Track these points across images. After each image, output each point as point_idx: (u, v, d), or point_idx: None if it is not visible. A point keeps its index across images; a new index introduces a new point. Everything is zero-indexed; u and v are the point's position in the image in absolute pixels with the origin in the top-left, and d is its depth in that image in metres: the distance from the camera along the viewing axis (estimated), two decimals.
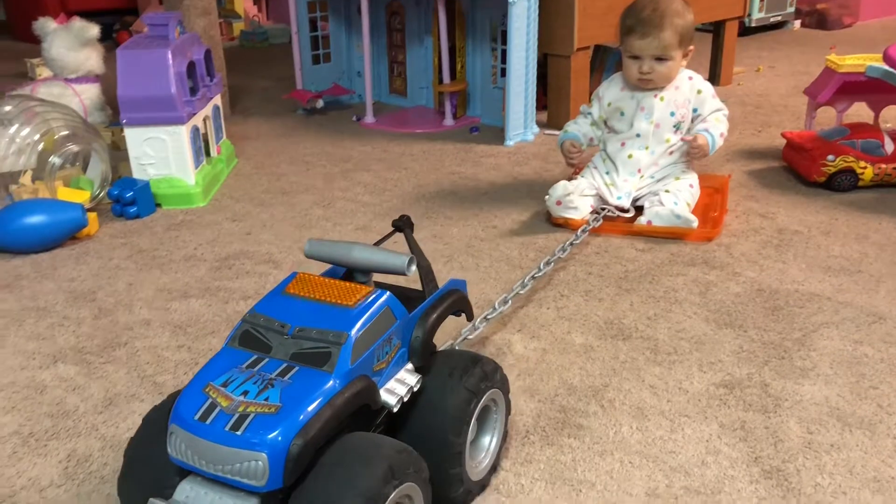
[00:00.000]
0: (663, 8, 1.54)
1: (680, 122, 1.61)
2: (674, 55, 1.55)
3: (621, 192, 1.59)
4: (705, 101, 1.62)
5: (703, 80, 1.64)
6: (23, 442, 0.97)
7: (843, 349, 1.13)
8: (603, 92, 1.66)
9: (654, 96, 1.59)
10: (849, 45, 3.48)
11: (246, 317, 0.80)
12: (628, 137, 1.62)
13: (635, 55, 1.56)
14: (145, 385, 1.08)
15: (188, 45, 1.79)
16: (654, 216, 1.51)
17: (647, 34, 1.53)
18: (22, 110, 1.63)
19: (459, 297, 0.92)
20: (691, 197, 1.57)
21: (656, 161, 1.61)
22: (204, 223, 1.64)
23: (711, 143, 1.58)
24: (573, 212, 1.55)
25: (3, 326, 1.24)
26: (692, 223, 1.48)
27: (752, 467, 0.91)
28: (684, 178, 1.60)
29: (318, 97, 2.41)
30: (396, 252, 0.86)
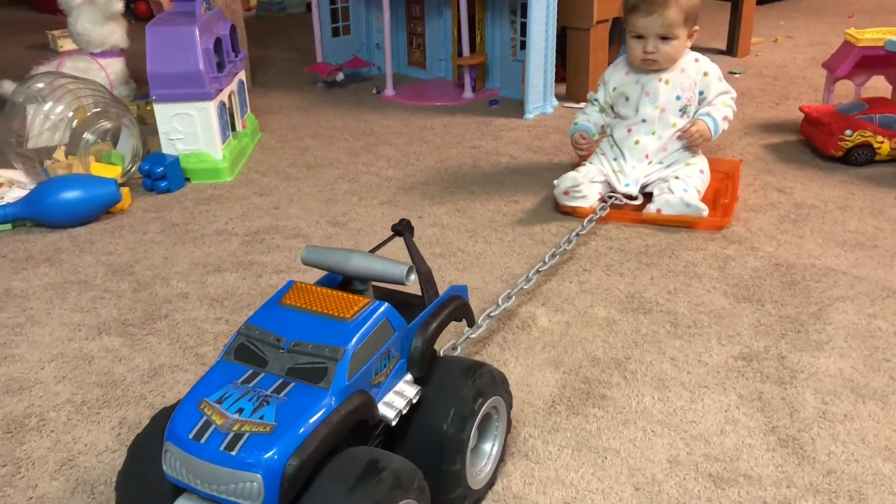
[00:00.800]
0: None
1: (686, 105, 1.58)
2: (679, 34, 1.52)
3: (629, 178, 1.57)
4: (711, 84, 1.58)
5: (710, 62, 1.61)
6: (76, 410, 1.03)
7: (857, 323, 1.17)
8: (608, 76, 1.64)
9: (659, 80, 1.56)
10: (868, 14, 3.46)
11: (241, 329, 0.78)
12: (634, 123, 1.59)
13: (639, 34, 1.53)
14: (187, 356, 1.14)
15: (214, 21, 1.81)
16: (663, 204, 1.49)
17: (652, 11, 1.50)
18: (54, 88, 1.67)
19: (460, 304, 0.91)
20: (701, 183, 1.55)
21: (664, 146, 1.58)
22: (232, 197, 1.68)
23: (714, 128, 1.56)
24: (581, 200, 1.53)
25: (48, 299, 1.30)
26: (702, 211, 1.46)
27: (768, 436, 0.95)
28: (694, 163, 1.57)
29: (338, 70, 2.44)
30: (395, 261, 0.85)
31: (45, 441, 0.97)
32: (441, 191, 1.70)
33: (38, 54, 3.05)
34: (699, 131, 1.55)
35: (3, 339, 1.19)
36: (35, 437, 0.98)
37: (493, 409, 0.88)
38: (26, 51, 3.15)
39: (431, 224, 1.54)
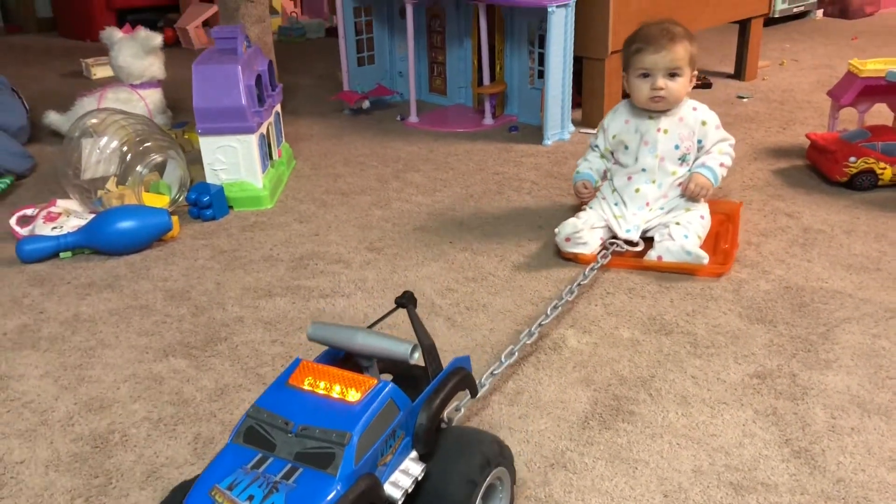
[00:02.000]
0: (672, 28, 1.56)
1: (685, 154, 1.60)
2: (685, 72, 1.55)
3: (630, 224, 1.59)
4: (709, 133, 1.60)
5: (708, 110, 1.62)
6: (154, 426, 1.14)
7: (862, 342, 1.27)
8: (608, 124, 1.66)
9: (658, 129, 1.59)
10: (870, 35, 3.58)
11: (250, 411, 0.81)
12: (634, 171, 1.61)
13: (646, 72, 1.55)
14: (249, 376, 1.24)
15: (254, 58, 1.93)
16: (664, 251, 1.50)
17: (661, 48, 1.52)
18: (108, 124, 1.78)
19: (464, 376, 0.92)
20: (702, 229, 1.56)
21: (665, 193, 1.60)
22: (274, 224, 1.80)
23: (713, 178, 1.58)
24: (583, 247, 1.54)
25: (114, 324, 1.41)
26: (702, 259, 1.47)
27: (783, 448, 1.05)
28: (694, 208, 1.58)
29: (364, 98, 2.56)
30: (399, 339, 0.88)
31: (130, 455, 1.08)
32: (469, 216, 1.81)
33: (73, 82, 3.19)
34: (699, 185, 1.57)
35: (79, 361, 1.29)
36: (120, 451, 1.09)
37: (497, 479, 0.90)
38: (62, 78, 3.28)
39: (462, 249, 1.65)
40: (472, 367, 1.23)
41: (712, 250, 1.55)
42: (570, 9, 2.17)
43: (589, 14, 2.24)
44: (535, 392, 1.18)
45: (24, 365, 1.29)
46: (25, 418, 1.16)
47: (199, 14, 3.75)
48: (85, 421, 1.15)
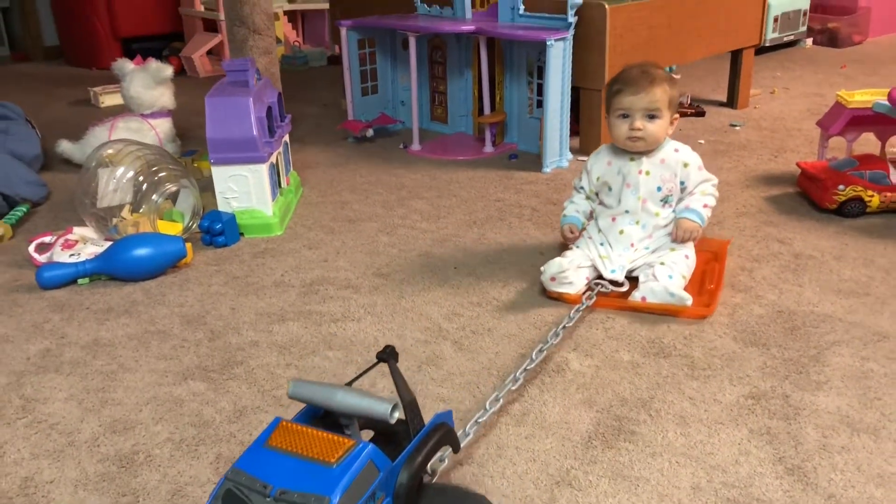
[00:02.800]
0: (653, 70, 1.57)
1: (668, 195, 1.61)
2: (664, 114, 1.56)
3: (615, 265, 1.60)
4: (691, 174, 1.60)
5: (690, 152, 1.62)
6: (176, 447, 1.19)
7: (852, 365, 1.34)
8: (591, 166, 1.68)
9: (640, 172, 1.60)
10: (859, 63, 3.67)
11: (228, 474, 0.81)
12: (618, 213, 1.63)
13: (625, 112, 1.56)
14: (266, 399, 1.30)
15: (264, 90, 2.00)
16: (648, 292, 1.51)
17: (639, 90, 1.54)
18: (124, 154, 1.84)
19: (446, 433, 0.91)
20: (687, 268, 1.57)
21: (649, 234, 1.61)
22: (284, 251, 1.86)
23: (699, 220, 1.59)
24: (568, 287, 1.55)
25: (134, 348, 1.46)
26: (686, 301, 1.47)
27: (777, 465, 1.11)
28: (679, 248, 1.59)
29: (368, 127, 2.63)
30: (380, 398, 0.89)
31: (155, 474, 1.13)
32: (473, 242, 1.87)
33: (81, 110, 3.27)
34: (687, 231, 1.58)
35: (102, 385, 1.35)
36: (146, 471, 1.14)
37: None
38: (69, 107, 3.36)
39: (467, 274, 1.71)
40: (478, 389, 1.29)
41: (697, 290, 1.56)
42: (568, 42, 2.25)
43: (586, 47, 2.32)
44: (540, 413, 1.24)
45: (48, 388, 1.34)
46: (53, 439, 1.21)
47: (204, 43, 3.84)
48: (110, 442, 1.20)
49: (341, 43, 2.65)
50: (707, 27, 2.65)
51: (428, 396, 1.28)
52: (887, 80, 3.24)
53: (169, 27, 4.12)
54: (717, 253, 1.69)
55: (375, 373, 1.28)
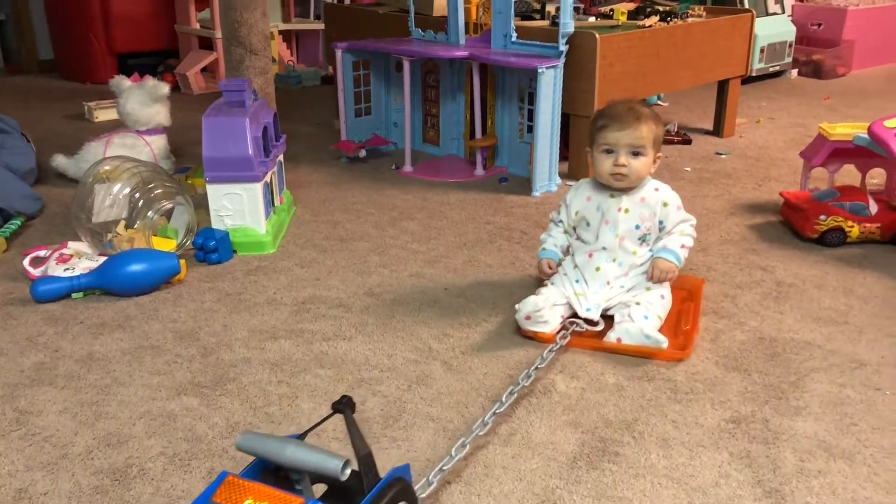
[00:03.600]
0: (639, 107, 1.56)
1: (646, 234, 1.60)
2: (648, 152, 1.54)
3: (591, 303, 1.57)
4: (670, 214, 1.59)
5: (670, 191, 1.61)
6: (169, 461, 1.21)
7: (829, 391, 1.37)
8: (570, 199, 1.66)
9: (619, 209, 1.58)
10: (842, 95, 3.76)
11: None
12: (595, 249, 1.61)
13: (609, 148, 1.55)
14: (258, 415, 1.32)
15: (260, 110, 2.04)
16: (623, 333, 1.48)
17: (625, 126, 1.52)
18: (121, 171, 1.87)
19: (402, 489, 0.89)
20: (663, 309, 1.55)
21: (625, 272, 1.59)
22: (277, 269, 1.88)
23: (676, 260, 1.57)
24: (543, 326, 1.52)
25: (127, 363, 1.48)
26: (662, 344, 1.45)
27: (755, 488, 1.14)
28: (655, 287, 1.57)
29: (361, 147, 2.67)
30: (330, 453, 0.87)
31: (148, 487, 1.15)
32: (463, 264, 1.90)
33: (76, 125, 3.29)
34: (663, 271, 1.57)
35: (95, 398, 1.37)
36: (139, 484, 1.16)
37: None
38: (64, 120, 3.38)
39: (457, 295, 1.74)
40: (467, 409, 1.32)
41: (673, 331, 1.54)
42: (559, 69, 2.30)
43: (576, 74, 2.37)
44: (526, 433, 1.26)
45: (42, 401, 1.36)
46: (47, 452, 1.23)
47: (199, 61, 3.87)
48: (104, 455, 1.22)
49: (336, 64, 2.70)
50: (694, 57, 2.71)
51: (417, 415, 1.31)
52: (870, 111, 3.32)
53: (164, 44, 4.16)
54: (692, 292, 1.68)
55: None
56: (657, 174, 1.64)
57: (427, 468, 1.17)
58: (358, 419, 1.28)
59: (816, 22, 4.26)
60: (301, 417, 1.31)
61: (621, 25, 2.61)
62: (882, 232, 1.96)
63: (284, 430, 1.28)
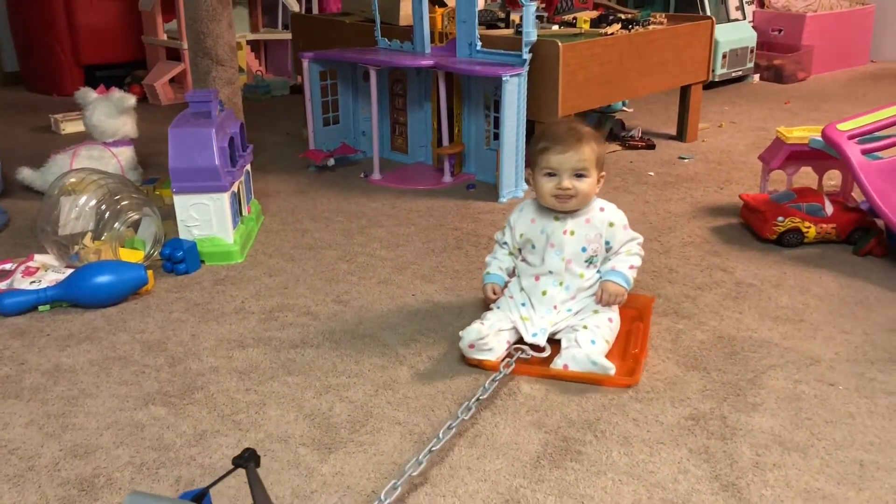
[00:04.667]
0: (580, 128, 1.53)
1: (593, 256, 1.56)
2: (591, 173, 1.51)
3: (537, 328, 1.53)
4: (616, 234, 1.55)
5: (615, 210, 1.57)
6: (137, 470, 1.22)
7: (785, 387, 1.42)
8: (514, 221, 1.61)
9: (564, 232, 1.54)
10: (802, 99, 3.84)
11: None
12: (542, 273, 1.56)
13: (552, 171, 1.51)
14: (226, 423, 1.33)
15: (227, 121, 2.05)
16: (570, 359, 1.44)
17: (568, 148, 1.49)
18: (87, 183, 1.87)
19: None
20: (610, 332, 1.51)
21: (573, 295, 1.55)
22: (245, 278, 1.89)
23: (625, 282, 1.53)
24: (488, 353, 1.47)
25: (95, 374, 1.49)
26: (609, 370, 1.41)
27: (713, 482, 1.18)
28: (602, 311, 1.53)
29: (329, 156, 2.68)
30: None
31: (116, 497, 1.16)
32: (430, 270, 1.93)
33: (42, 137, 3.27)
34: (612, 294, 1.53)
35: (62, 410, 1.37)
36: (106, 494, 1.16)
37: None
38: (30, 133, 3.36)
39: (424, 301, 1.77)
40: (433, 412, 1.34)
41: (621, 355, 1.51)
42: (523, 77, 2.33)
43: (540, 82, 2.41)
44: (491, 434, 1.29)
45: (8, 414, 1.36)
46: (13, 464, 1.23)
47: (167, 71, 3.87)
48: (71, 466, 1.22)
49: (303, 74, 2.71)
50: (657, 64, 2.77)
51: (384, 419, 1.33)
52: (828, 114, 3.40)
53: (131, 55, 4.14)
54: (642, 311, 1.64)
55: None
56: (610, 192, 1.68)
57: (392, 470, 1.20)
58: (324, 425, 1.31)
59: (777, 28, 4.35)
60: (269, 424, 1.32)
61: (584, 33, 2.66)
62: (838, 232, 2.01)
63: (252, 438, 1.29)
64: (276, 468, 1.21)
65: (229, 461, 1.22)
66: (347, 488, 1.17)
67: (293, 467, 1.21)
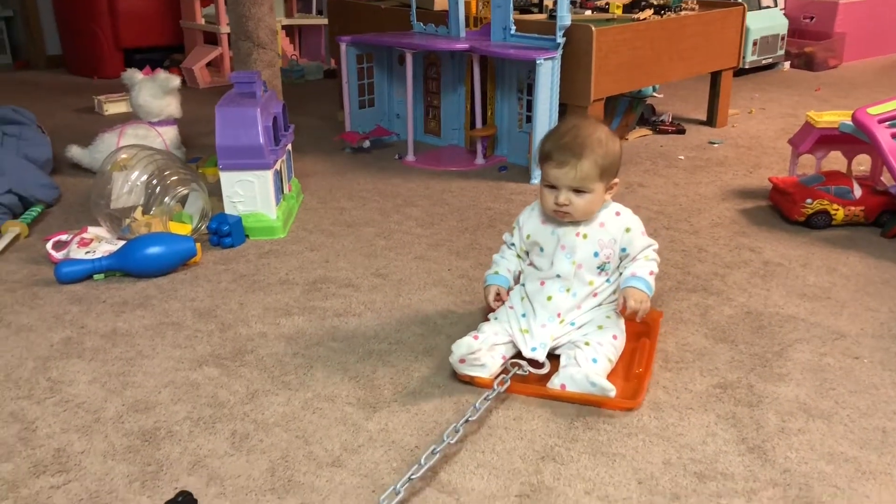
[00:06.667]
0: (585, 135, 1.39)
1: (605, 262, 1.45)
2: (593, 188, 1.39)
3: (536, 341, 1.42)
4: (634, 240, 1.45)
5: (632, 215, 1.47)
6: (194, 424, 1.30)
7: (811, 359, 1.47)
8: (523, 221, 1.52)
9: (576, 234, 1.44)
10: (833, 86, 3.84)
11: None
12: (548, 277, 1.46)
13: (551, 184, 1.41)
14: (276, 383, 1.41)
15: (270, 101, 2.12)
16: (568, 379, 1.33)
17: (565, 163, 1.38)
18: (139, 159, 1.96)
19: None
20: (614, 351, 1.40)
21: (579, 304, 1.44)
22: (288, 252, 1.97)
23: (647, 289, 1.42)
24: (480, 370, 1.36)
25: (150, 337, 1.57)
26: (608, 392, 1.30)
27: (739, 445, 1.23)
28: (608, 326, 1.42)
29: (365, 138, 2.75)
30: None
31: (177, 447, 1.24)
32: (465, 247, 1.99)
33: (87, 117, 3.37)
34: (638, 301, 1.40)
35: (122, 370, 1.46)
36: (167, 445, 1.25)
37: None
38: (74, 113, 3.46)
39: (460, 276, 1.83)
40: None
41: (624, 374, 1.41)
42: (557, 61, 2.38)
43: (574, 66, 2.46)
44: (527, 398, 1.35)
45: (72, 372, 1.45)
46: (80, 416, 1.32)
47: (204, 55, 3.95)
48: (133, 419, 1.31)
49: (340, 58, 2.78)
50: (688, 49, 2.80)
51: (425, 383, 1.40)
52: (859, 102, 3.39)
53: (170, 39, 4.23)
54: (650, 325, 1.53)
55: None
56: (629, 194, 1.72)
57: (434, 429, 1.27)
58: (368, 386, 1.38)
59: (808, 15, 4.34)
60: (316, 384, 1.40)
61: (617, 19, 2.70)
62: (866, 214, 2.05)
63: (301, 397, 1.36)
64: (325, 424, 1.29)
65: (281, 417, 1.31)
66: (392, 443, 1.24)
67: (341, 423, 1.29)
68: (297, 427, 1.28)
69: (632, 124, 2.99)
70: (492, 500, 1.12)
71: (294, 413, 1.32)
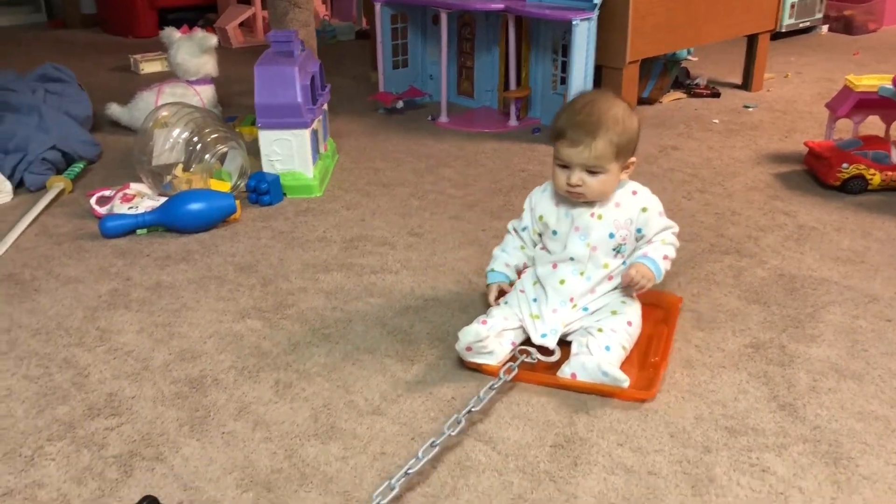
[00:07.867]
0: (600, 112, 1.31)
1: (621, 244, 1.37)
2: (608, 168, 1.32)
3: (547, 327, 1.36)
4: (651, 221, 1.37)
5: (650, 195, 1.39)
6: (239, 373, 1.34)
7: (843, 322, 1.48)
8: (535, 202, 1.44)
9: (591, 215, 1.36)
10: (872, 51, 3.77)
11: None
12: (561, 260, 1.39)
13: (564, 163, 1.34)
14: (317, 335, 1.45)
15: (307, 60, 2.14)
16: (579, 368, 1.27)
17: (578, 142, 1.30)
18: (180, 117, 1.99)
19: None
20: (628, 338, 1.34)
21: (593, 288, 1.37)
22: (325, 210, 2.00)
23: (656, 271, 1.35)
24: (487, 357, 1.32)
25: (194, 290, 1.62)
26: (621, 383, 1.24)
27: (771, 402, 1.26)
28: (622, 312, 1.36)
29: (398, 99, 2.77)
30: None
31: (223, 394, 1.29)
32: (499, 208, 2.01)
33: (123, 76, 3.42)
34: (641, 275, 1.34)
35: (167, 321, 1.51)
36: (214, 392, 1.30)
37: None
38: (111, 72, 3.50)
39: (493, 236, 1.85)
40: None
41: (640, 362, 1.35)
42: (593, 22, 2.37)
43: (610, 27, 2.44)
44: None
45: (120, 322, 1.50)
46: (130, 364, 1.37)
47: (238, 15, 3.97)
48: (180, 368, 1.36)
49: (375, 18, 2.79)
50: (724, 12, 2.77)
51: None
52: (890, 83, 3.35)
53: None
54: (669, 311, 1.48)
55: None
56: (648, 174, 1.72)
57: (469, 381, 1.30)
58: (406, 340, 1.42)
59: None
60: (356, 338, 1.44)
61: None
62: None
63: (341, 349, 1.41)
64: (365, 375, 1.33)
65: (322, 368, 1.35)
66: (430, 394, 1.28)
67: (380, 374, 1.33)
68: (338, 377, 1.32)
69: (666, 87, 2.97)
70: (527, 448, 1.15)
71: (335, 364, 1.36)
